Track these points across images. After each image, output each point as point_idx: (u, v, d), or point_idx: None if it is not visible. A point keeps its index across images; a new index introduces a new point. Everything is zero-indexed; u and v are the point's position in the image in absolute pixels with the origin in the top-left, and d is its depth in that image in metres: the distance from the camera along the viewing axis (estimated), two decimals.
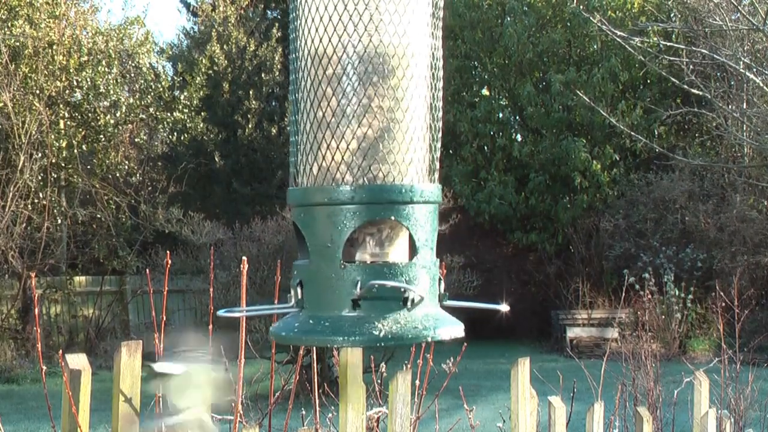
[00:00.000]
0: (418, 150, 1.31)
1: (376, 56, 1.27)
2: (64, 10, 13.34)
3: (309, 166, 1.29)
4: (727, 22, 10.71)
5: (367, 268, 1.26)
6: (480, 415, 3.03)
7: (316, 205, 1.27)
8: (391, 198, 1.26)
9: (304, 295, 1.29)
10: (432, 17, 1.34)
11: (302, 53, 1.31)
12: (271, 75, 16.61)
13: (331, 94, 1.27)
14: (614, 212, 14.52)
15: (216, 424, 2.14)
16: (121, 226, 13.80)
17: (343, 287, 1.25)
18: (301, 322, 1.28)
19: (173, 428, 1.96)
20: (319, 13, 1.27)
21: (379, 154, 1.27)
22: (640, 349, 5.45)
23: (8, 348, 12.03)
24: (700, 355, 11.77)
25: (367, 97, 1.27)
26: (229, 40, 16.65)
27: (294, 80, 1.33)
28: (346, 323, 1.24)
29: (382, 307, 1.25)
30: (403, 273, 1.26)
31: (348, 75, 1.26)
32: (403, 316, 1.25)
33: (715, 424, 3.20)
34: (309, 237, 1.28)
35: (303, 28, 1.30)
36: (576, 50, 15.60)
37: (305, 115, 1.30)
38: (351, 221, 1.25)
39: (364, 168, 1.26)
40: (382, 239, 1.31)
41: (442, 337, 1.26)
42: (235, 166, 16.34)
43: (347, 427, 2.08)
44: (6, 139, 12.61)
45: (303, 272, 1.29)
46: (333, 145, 1.27)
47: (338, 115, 1.27)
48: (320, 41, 1.28)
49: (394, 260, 1.30)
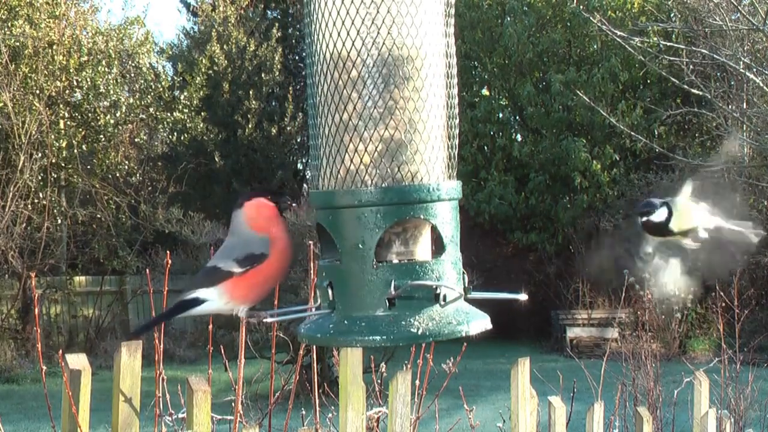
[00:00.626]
0: (440, 148, 1.32)
1: (398, 57, 1.28)
2: (64, 10, 13.33)
3: (336, 169, 1.30)
4: (727, 22, 10.71)
5: (398, 267, 1.28)
6: (480, 415, 3.03)
7: (345, 207, 1.28)
8: (419, 197, 1.28)
9: (335, 296, 1.29)
10: (445, 16, 1.35)
11: (320, 57, 1.31)
12: (271, 75, 16.61)
13: (356, 97, 1.28)
14: (614, 212, 14.51)
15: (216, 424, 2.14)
16: (121, 226, 13.79)
17: (377, 287, 1.26)
18: (335, 323, 1.28)
19: None
20: (340, 17, 1.28)
21: (406, 154, 1.28)
22: (640, 349, 5.46)
23: (8, 348, 12.02)
24: (700, 355, 11.77)
25: (392, 98, 1.28)
26: (229, 40, 16.64)
27: (311, 84, 1.33)
28: (383, 323, 1.25)
29: (416, 305, 1.26)
30: (433, 270, 1.28)
31: (372, 77, 1.27)
32: (437, 312, 1.26)
33: (715, 424, 3.20)
34: (338, 239, 1.28)
35: (320, 32, 1.31)
36: (576, 50, 15.59)
37: (326, 118, 1.30)
38: (381, 222, 1.26)
39: (392, 169, 1.28)
40: (407, 238, 1.32)
41: (475, 330, 1.28)
42: (235, 166, 16.33)
43: (347, 427, 2.08)
44: (6, 139, 12.61)
45: (333, 273, 1.29)
46: (360, 147, 1.28)
47: (364, 117, 1.28)
48: (342, 44, 1.28)
49: (420, 258, 1.31)
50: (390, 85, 1.27)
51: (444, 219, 1.29)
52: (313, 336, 1.30)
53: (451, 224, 1.31)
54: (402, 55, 1.28)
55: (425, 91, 1.29)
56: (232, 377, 2.34)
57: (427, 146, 1.29)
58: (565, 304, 14.02)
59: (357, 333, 1.25)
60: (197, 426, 1.86)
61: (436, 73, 1.31)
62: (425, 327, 1.24)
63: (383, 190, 1.26)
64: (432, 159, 1.30)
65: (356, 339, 1.27)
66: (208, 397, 1.87)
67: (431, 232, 1.31)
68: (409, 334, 1.23)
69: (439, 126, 1.31)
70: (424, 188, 1.27)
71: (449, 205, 1.31)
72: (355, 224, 1.26)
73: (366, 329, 1.25)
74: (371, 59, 1.27)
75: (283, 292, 1.39)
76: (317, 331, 1.30)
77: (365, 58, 1.27)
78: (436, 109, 1.31)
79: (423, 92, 1.29)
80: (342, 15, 1.27)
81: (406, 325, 1.24)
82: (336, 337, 1.28)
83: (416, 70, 1.29)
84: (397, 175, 1.27)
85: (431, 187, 1.28)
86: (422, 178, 1.28)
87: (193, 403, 1.87)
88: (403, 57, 1.28)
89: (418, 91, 1.29)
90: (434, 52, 1.31)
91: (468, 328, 1.26)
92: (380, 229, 1.25)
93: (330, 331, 1.27)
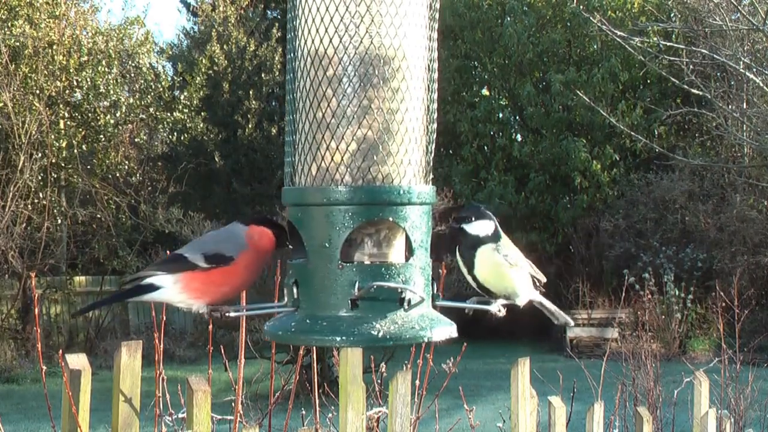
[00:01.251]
0: (415, 151, 1.31)
1: (377, 58, 1.27)
2: (64, 10, 13.33)
3: (307, 166, 1.29)
4: (727, 22, 10.71)
5: (364, 268, 1.26)
6: (480, 415, 3.03)
7: (314, 205, 1.27)
8: (389, 199, 1.26)
9: (300, 295, 1.28)
10: (428, 19, 1.34)
11: (301, 53, 1.31)
12: (271, 75, 16.61)
13: (331, 95, 1.27)
14: (614, 212, 14.51)
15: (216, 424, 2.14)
16: (121, 226, 13.79)
17: (341, 287, 1.25)
18: (297, 321, 1.28)
19: None
20: (320, 14, 1.27)
21: (379, 155, 1.27)
22: (640, 349, 5.46)
23: (8, 348, 12.02)
24: (700, 355, 11.76)
25: (367, 98, 1.27)
26: (229, 40, 16.64)
27: (291, 80, 1.33)
28: (344, 323, 1.24)
29: (379, 308, 1.25)
30: (400, 273, 1.26)
31: (349, 76, 1.26)
32: (400, 316, 1.25)
33: (715, 424, 3.20)
34: (306, 237, 1.28)
35: (302, 29, 1.30)
36: (576, 50, 15.59)
37: (303, 114, 1.30)
38: (349, 222, 1.25)
39: (363, 169, 1.26)
40: (380, 240, 1.31)
41: (438, 337, 1.26)
42: (235, 166, 16.33)
43: (347, 427, 2.07)
44: (6, 139, 12.60)
45: (299, 271, 1.29)
46: (333, 145, 1.27)
47: (338, 116, 1.27)
48: (320, 42, 1.27)
49: (391, 261, 1.30)
50: (366, 84, 1.27)
51: (414, 223, 1.28)
52: (274, 333, 1.30)
53: (422, 229, 1.29)
54: (380, 55, 1.27)
55: (402, 94, 1.28)
56: (232, 377, 2.34)
57: (401, 148, 1.28)
58: (565, 304, 14.01)
59: (318, 332, 1.25)
60: (197, 426, 1.86)
61: (415, 76, 1.30)
62: (386, 330, 1.23)
63: (353, 190, 1.25)
64: (405, 162, 1.28)
65: (316, 338, 1.26)
66: (208, 397, 1.87)
67: (405, 236, 1.30)
68: (369, 336, 1.22)
69: (414, 129, 1.30)
70: (394, 190, 1.26)
71: (421, 209, 1.29)
72: (323, 223, 1.25)
73: (327, 329, 1.24)
74: (348, 58, 1.26)
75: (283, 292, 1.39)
76: (279, 328, 1.30)
77: (342, 56, 1.26)
78: (412, 112, 1.30)
79: (399, 94, 1.28)
80: (322, 12, 1.26)
81: (367, 327, 1.23)
82: (297, 335, 1.28)
83: (394, 71, 1.28)
84: (368, 175, 1.26)
85: (402, 189, 1.26)
86: (393, 179, 1.27)
87: (193, 403, 1.87)
88: (381, 57, 1.27)
89: (394, 92, 1.28)
90: (415, 55, 1.30)
91: (431, 334, 1.25)
92: (348, 228, 1.25)
93: (291, 329, 1.27)
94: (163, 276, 1.37)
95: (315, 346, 1.50)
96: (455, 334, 1.28)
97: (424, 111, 1.33)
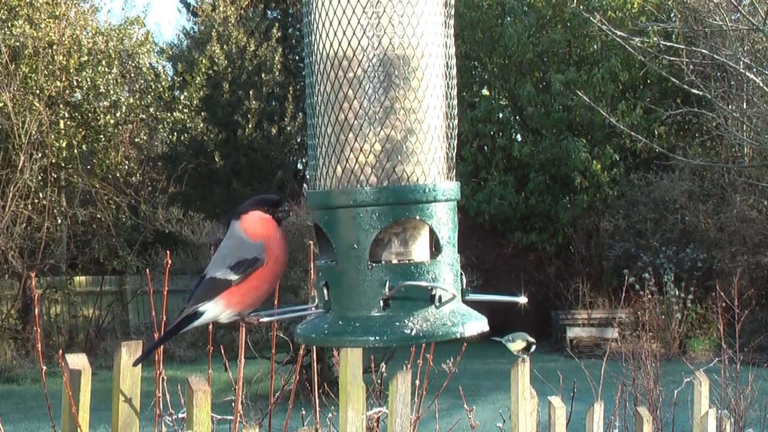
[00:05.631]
0: (438, 149, 1.32)
1: (396, 58, 1.27)
2: (64, 10, 13.33)
3: (332, 169, 1.30)
4: (727, 22, 10.71)
5: (394, 267, 1.27)
6: (480, 415, 3.03)
7: (340, 207, 1.28)
8: (415, 198, 1.27)
9: (330, 297, 1.29)
10: (445, 16, 1.35)
11: (319, 56, 1.31)
12: (271, 75, 16.62)
13: (353, 97, 1.27)
14: (614, 212, 14.51)
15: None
16: (121, 226, 13.79)
17: (372, 288, 1.25)
18: (330, 323, 1.28)
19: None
20: (337, 17, 1.27)
21: (403, 154, 1.28)
22: (640, 349, 5.46)
23: (8, 348, 12.02)
24: (700, 355, 11.76)
25: (389, 98, 1.27)
26: (229, 40, 16.65)
27: (310, 84, 1.33)
28: (377, 323, 1.25)
29: (411, 306, 1.26)
30: (429, 271, 1.27)
31: (370, 77, 1.27)
32: (431, 313, 1.26)
33: (715, 424, 3.20)
34: (334, 239, 1.28)
35: (319, 32, 1.30)
36: (576, 50, 15.59)
37: (326, 117, 1.30)
38: (376, 222, 1.26)
39: (388, 169, 1.27)
40: (406, 238, 1.32)
41: (470, 332, 1.27)
42: (235, 166, 16.34)
43: (347, 427, 2.08)
44: (6, 139, 12.61)
45: (328, 274, 1.29)
46: (357, 147, 1.27)
47: (361, 117, 1.27)
48: (339, 44, 1.28)
49: (418, 258, 1.31)
50: (388, 84, 1.27)
51: (441, 220, 1.29)
52: (308, 336, 1.31)
53: (448, 225, 1.30)
54: (400, 55, 1.27)
55: (423, 92, 1.29)
56: (232, 377, 2.34)
57: (424, 147, 1.29)
58: (565, 304, 14.02)
59: (351, 333, 1.25)
60: (197, 426, 1.86)
61: (434, 73, 1.31)
62: (419, 328, 1.24)
63: (378, 191, 1.25)
64: (429, 159, 1.29)
65: (349, 339, 1.27)
66: (208, 397, 1.87)
67: (430, 233, 1.31)
68: (402, 335, 1.23)
69: (436, 126, 1.31)
70: (420, 189, 1.27)
71: (446, 206, 1.30)
72: (351, 225, 1.26)
73: (360, 330, 1.25)
74: (369, 59, 1.27)
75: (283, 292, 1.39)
76: (312, 331, 1.30)
77: (362, 58, 1.27)
78: (433, 110, 1.30)
79: (420, 92, 1.29)
80: (339, 15, 1.27)
81: (399, 325, 1.24)
82: (330, 337, 1.28)
83: (414, 70, 1.28)
84: (393, 175, 1.26)
85: (427, 187, 1.27)
86: (418, 178, 1.28)
87: (193, 403, 1.87)
88: (401, 57, 1.27)
89: (415, 91, 1.28)
90: (433, 53, 1.31)
91: (463, 330, 1.26)
92: (375, 229, 1.25)
93: (324, 331, 1.28)
94: (207, 303, 1.40)
95: (350, 347, 1.50)
96: (486, 328, 1.29)
97: (444, 107, 1.33)
